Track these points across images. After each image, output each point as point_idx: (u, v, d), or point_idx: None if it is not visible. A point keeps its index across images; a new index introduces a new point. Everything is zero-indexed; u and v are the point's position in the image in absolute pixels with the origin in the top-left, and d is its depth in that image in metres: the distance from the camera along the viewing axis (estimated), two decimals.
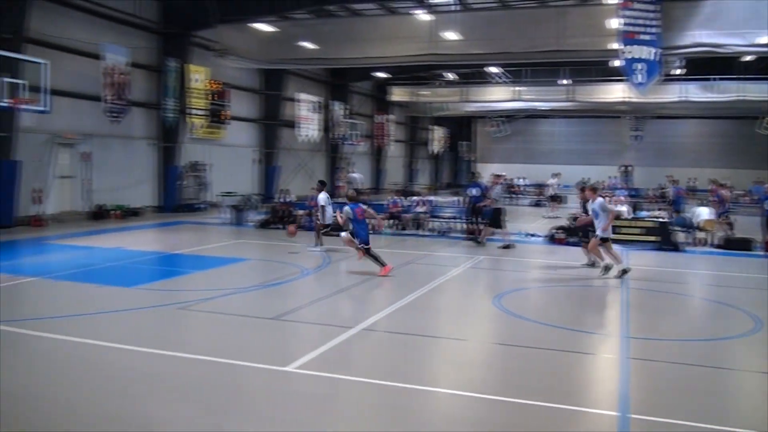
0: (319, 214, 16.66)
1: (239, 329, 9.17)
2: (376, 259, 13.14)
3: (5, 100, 17.62)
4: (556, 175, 33.99)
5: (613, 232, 16.12)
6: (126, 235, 19.21)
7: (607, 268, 13.66)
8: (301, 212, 21.78)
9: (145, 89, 26.44)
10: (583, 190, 15.57)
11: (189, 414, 6.05)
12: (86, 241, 17.89)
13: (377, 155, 48.45)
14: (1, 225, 19.52)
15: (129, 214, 24.64)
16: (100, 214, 23.69)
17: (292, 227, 18.75)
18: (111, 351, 7.81)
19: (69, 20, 22.52)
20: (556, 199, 31.61)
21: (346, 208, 13.57)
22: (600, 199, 13.91)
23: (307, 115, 35.17)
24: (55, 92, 20.30)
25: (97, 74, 23.04)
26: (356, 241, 13.36)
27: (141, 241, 18.30)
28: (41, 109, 18.64)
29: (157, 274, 12.94)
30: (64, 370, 7.24)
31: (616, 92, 38.06)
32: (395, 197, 22.75)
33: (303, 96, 35.37)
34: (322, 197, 16.66)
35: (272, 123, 34.70)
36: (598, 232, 13.57)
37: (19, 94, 17.93)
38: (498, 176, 19.56)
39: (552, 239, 19.33)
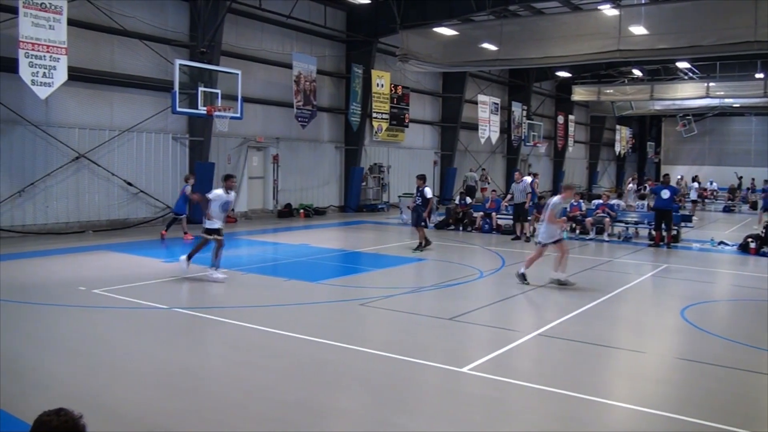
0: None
1: (416, 328, 9.32)
2: None
3: (202, 108, 19.09)
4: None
5: None
6: (311, 233, 20.11)
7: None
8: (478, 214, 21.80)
9: (331, 95, 27.64)
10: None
11: (363, 406, 6.25)
12: (274, 238, 18.93)
13: (557, 157, 47.39)
14: (196, 221, 21.13)
15: (314, 213, 25.80)
16: (286, 213, 25.01)
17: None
18: (295, 341, 8.22)
19: (260, 33, 24.03)
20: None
21: None
22: None
23: (486, 116, 35.05)
24: (248, 100, 21.75)
25: (287, 82, 24.37)
26: None
27: (325, 238, 19.09)
28: (234, 115, 20.00)
29: (340, 270, 13.45)
30: (251, 355, 7.72)
31: None
32: (577, 200, 22.06)
33: (482, 98, 35.31)
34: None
35: (451, 125, 34.97)
36: None
37: (215, 103, 19.35)
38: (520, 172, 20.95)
39: (744, 249, 17.97)
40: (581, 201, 21.98)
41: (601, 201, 21.73)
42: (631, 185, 31.63)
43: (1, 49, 16.37)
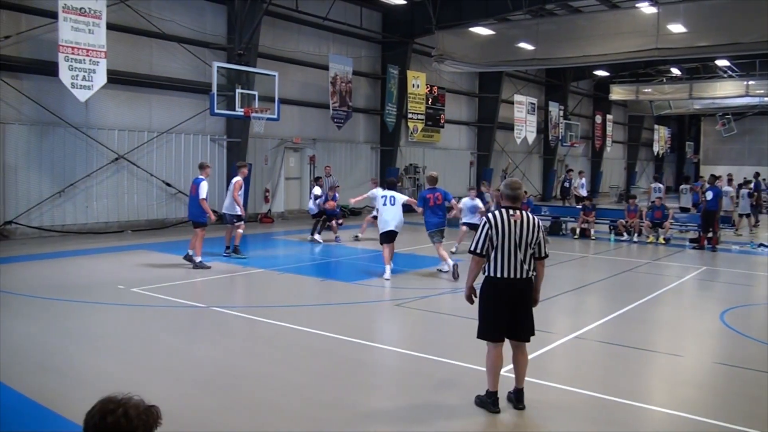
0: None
1: (452, 329, 9.28)
2: None
3: (240, 110, 19.25)
4: None
5: None
6: (346, 233, 20.11)
7: None
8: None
9: (366, 96, 27.69)
10: None
11: (398, 407, 6.22)
12: (309, 238, 18.94)
13: (595, 157, 46.87)
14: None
15: (350, 213, 25.80)
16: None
17: None
18: (331, 341, 8.22)
19: (297, 35, 24.18)
20: None
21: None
22: None
23: (522, 116, 34.80)
24: (284, 101, 21.88)
25: (323, 83, 24.46)
26: None
27: (360, 238, 19.07)
28: (271, 117, 20.13)
29: (376, 270, 13.40)
30: (287, 355, 7.74)
31: None
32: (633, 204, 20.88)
33: (519, 97, 35.07)
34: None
35: (487, 125, 34.78)
36: None
37: (252, 104, 19.50)
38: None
39: None
40: (637, 205, 20.89)
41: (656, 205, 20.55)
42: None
43: (42, 53, 16.68)
